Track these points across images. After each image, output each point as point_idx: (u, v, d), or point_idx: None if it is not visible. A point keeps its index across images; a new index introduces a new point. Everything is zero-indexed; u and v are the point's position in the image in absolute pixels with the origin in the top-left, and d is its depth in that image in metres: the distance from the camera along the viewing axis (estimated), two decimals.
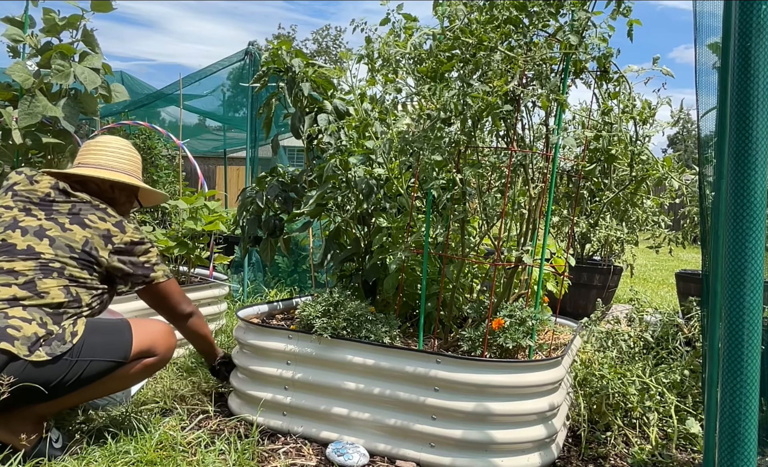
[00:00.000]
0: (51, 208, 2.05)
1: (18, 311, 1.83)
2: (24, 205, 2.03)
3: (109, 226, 2.08)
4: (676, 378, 2.33)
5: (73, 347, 1.86)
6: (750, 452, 1.12)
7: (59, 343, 1.84)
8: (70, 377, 1.85)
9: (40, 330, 1.82)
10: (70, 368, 1.85)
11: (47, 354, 1.80)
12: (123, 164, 2.25)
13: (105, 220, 2.09)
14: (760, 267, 1.10)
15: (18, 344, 1.76)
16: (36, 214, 2.02)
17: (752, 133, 1.08)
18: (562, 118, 2.20)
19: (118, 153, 2.26)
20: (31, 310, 1.85)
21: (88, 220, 2.05)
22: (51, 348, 1.82)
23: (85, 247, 2.00)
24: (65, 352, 1.84)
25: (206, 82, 5.55)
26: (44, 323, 1.85)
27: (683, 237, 4.32)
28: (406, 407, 2.09)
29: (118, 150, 2.26)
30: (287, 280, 4.96)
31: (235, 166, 15.10)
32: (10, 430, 1.85)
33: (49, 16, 2.90)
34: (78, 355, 1.87)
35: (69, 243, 1.98)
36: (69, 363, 1.85)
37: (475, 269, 2.67)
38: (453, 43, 2.10)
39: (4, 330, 1.77)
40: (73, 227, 2.02)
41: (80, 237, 2.01)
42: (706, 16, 1.75)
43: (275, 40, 28.83)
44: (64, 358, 1.84)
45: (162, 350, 2.08)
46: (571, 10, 2.09)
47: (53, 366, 1.81)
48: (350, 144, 2.51)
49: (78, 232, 2.02)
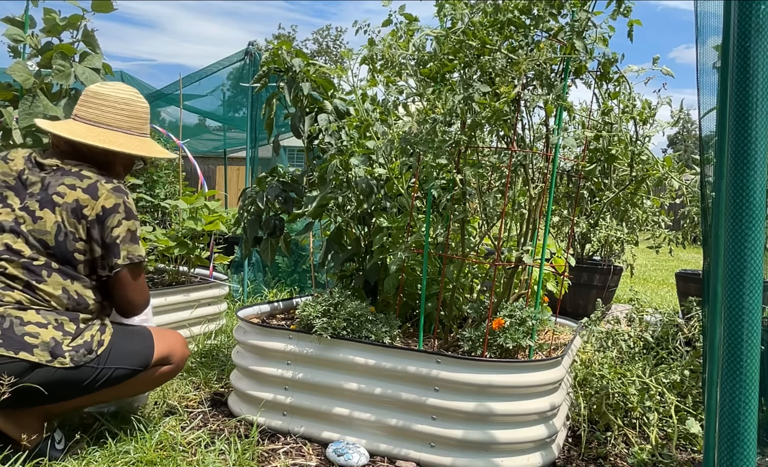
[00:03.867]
0: (24, 192, 1.87)
1: (32, 315, 1.79)
2: (2, 191, 1.88)
3: (78, 193, 1.85)
4: (676, 378, 2.34)
5: (99, 356, 1.87)
6: (750, 452, 1.12)
7: (86, 352, 1.83)
8: (93, 382, 1.87)
9: (57, 334, 1.80)
10: (95, 374, 1.86)
11: (72, 361, 1.80)
12: (121, 120, 2.00)
13: (74, 188, 1.85)
14: (759, 267, 1.10)
15: (38, 352, 1.75)
16: (11, 203, 1.87)
17: (751, 132, 1.08)
18: (562, 118, 2.20)
19: (116, 107, 2.00)
20: (45, 314, 1.82)
21: (56, 196, 1.84)
22: (78, 355, 1.81)
23: (58, 237, 1.83)
24: (90, 361, 1.84)
25: (206, 82, 5.55)
26: (60, 324, 1.82)
27: (683, 237, 4.32)
28: (406, 407, 2.09)
29: (116, 103, 2.00)
30: (287, 280, 4.96)
31: (235, 166, 15.08)
32: (18, 425, 1.83)
33: (49, 16, 2.90)
34: (104, 363, 1.88)
35: (41, 237, 1.83)
36: (94, 369, 1.86)
37: (475, 269, 2.67)
38: (455, 45, 2.10)
39: (22, 338, 1.74)
40: (43, 213, 1.84)
41: (51, 225, 1.83)
42: (707, 17, 1.76)
43: (275, 41, 28.83)
44: (90, 366, 1.85)
45: (177, 359, 2.12)
46: (572, 10, 2.10)
47: (77, 372, 1.82)
48: (351, 144, 2.51)
49: (48, 218, 1.83)
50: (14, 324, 1.76)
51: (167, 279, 3.53)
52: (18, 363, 1.72)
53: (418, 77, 2.23)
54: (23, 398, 1.74)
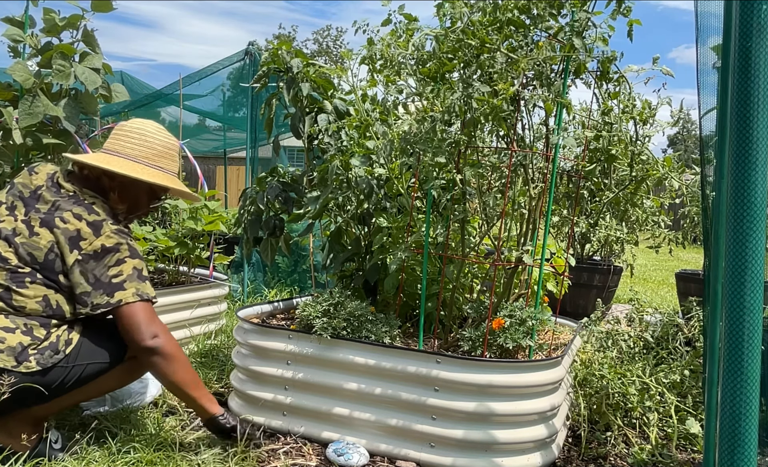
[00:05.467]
0: (33, 206, 1.88)
1: (0, 320, 1.78)
2: (13, 201, 1.91)
3: (82, 225, 1.83)
4: (676, 378, 2.33)
5: (68, 356, 1.84)
6: (750, 452, 1.12)
7: (51, 353, 1.80)
8: (67, 381, 1.84)
9: (25, 339, 1.77)
10: (66, 374, 1.83)
11: (38, 364, 1.77)
12: (130, 149, 1.98)
13: (81, 219, 1.84)
14: (760, 268, 1.10)
15: (3, 357, 1.73)
16: (17, 214, 1.88)
17: (753, 133, 1.08)
18: (562, 118, 2.20)
19: (129, 136, 2.01)
20: (14, 318, 1.79)
21: (60, 219, 1.83)
22: (43, 358, 1.78)
23: (48, 256, 1.81)
24: (58, 362, 1.81)
25: (206, 82, 5.55)
26: (29, 329, 1.80)
27: (683, 237, 4.32)
28: (406, 407, 2.09)
29: (130, 132, 2.02)
30: (287, 280, 4.96)
31: (235, 166, 15.08)
32: (8, 433, 1.83)
33: (49, 16, 2.90)
34: (74, 360, 1.85)
35: (32, 252, 1.82)
36: (64, 369, 1.83)
37: (475, 269, 2.67)
38: (455, 44, 2.10)
39: None
40: (41, 230, 1.83)
41: (45, 242, 1.82)
42: (707, 17, 1.76)
43: (275, 41, 28.82)
44: (59, 366, 1.81)
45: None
46: (572, 10, 2.10)
47: (46, 375, 1.79)
48: (351, 144, 2.51)
49: (44, 236, 1.82)
50: None
51: (167, 280, 3.53)
52: None
53: (418, 77, 2.23)
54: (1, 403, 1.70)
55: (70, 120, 2.89)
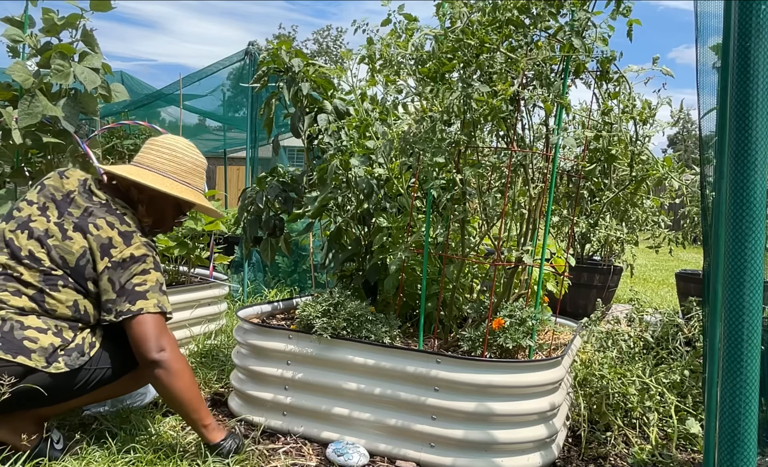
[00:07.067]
0: (66, 209, 1.92)
1: (33, 320, 1.82)
2: (45, 202, 1.94)
3: (114, 234, 1.89)
4: (676, 378, 2.33)
5: (92, 358, 1.89)
6: (750, 452, 1.12)
7: (78, 355, 1.86)
8: (86, 383, 1.89)
9: (56, 340, 1.82)
10: (88, 375, 1.89)
11: (66, 365, 1.82)
12: (161, 163, 2.04)
13: (113, 227, 1.90)
14: (760, 268, 1.10)
15: (35, 356, 1.77)
16: (49, 215, 1.91)
17: (752, 132, 1.08)
18: (562, 118, 2.20)
19: (161, 151, 2.06)
20: (46, 319, 1.84)
21: (93, 226, 1.89)
22: (71, 359, 1.83)
23: (80, 261, 1.86)
24: (84, 364, 1.87)
25: (206, 82, 5.55)
26: (59, 330, 1.85)
27: (683, 237, 4.32)
28: (406, 407, 2.09)
29: (161, 147, 2.07)
30: (287, 280, 4.96)
31: (235, 166, 15.09)
32: (12, 430, 1.85)
33: (48, 16, 2.90)
34: (97, 363, 1.91)
35: (64, 255, 1.86)
36: (88, 371, 1.89)
37: (475, 269, 2.67)
38: (454, 44, 2.10)
39: (21, 342, 1.77)
40: (75, 235, 1.88)
41: (78, 247, 1.87)
42: (707, 17, 1.76)
43: (276, 41, 28.77)
44: (84, 368, 1.87)
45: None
46: (571, 10, 2.09)
47: (71, 376, 1.85)
48: (351, 144, 2.51)
49: (78, 240, 1.87)
50: (14, 328, 1.78)
51: (167, 280, 3.53)
52: (14, 367, 1.74)
53: (417, 76, 2.23)
54: (18, 401, 1.75)
55: (69, 120, 2.89)
